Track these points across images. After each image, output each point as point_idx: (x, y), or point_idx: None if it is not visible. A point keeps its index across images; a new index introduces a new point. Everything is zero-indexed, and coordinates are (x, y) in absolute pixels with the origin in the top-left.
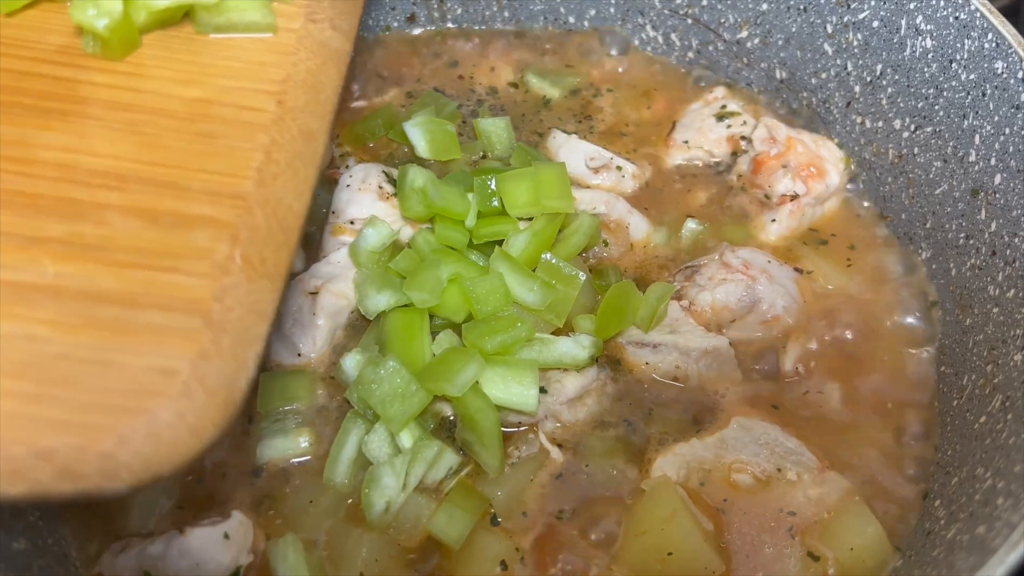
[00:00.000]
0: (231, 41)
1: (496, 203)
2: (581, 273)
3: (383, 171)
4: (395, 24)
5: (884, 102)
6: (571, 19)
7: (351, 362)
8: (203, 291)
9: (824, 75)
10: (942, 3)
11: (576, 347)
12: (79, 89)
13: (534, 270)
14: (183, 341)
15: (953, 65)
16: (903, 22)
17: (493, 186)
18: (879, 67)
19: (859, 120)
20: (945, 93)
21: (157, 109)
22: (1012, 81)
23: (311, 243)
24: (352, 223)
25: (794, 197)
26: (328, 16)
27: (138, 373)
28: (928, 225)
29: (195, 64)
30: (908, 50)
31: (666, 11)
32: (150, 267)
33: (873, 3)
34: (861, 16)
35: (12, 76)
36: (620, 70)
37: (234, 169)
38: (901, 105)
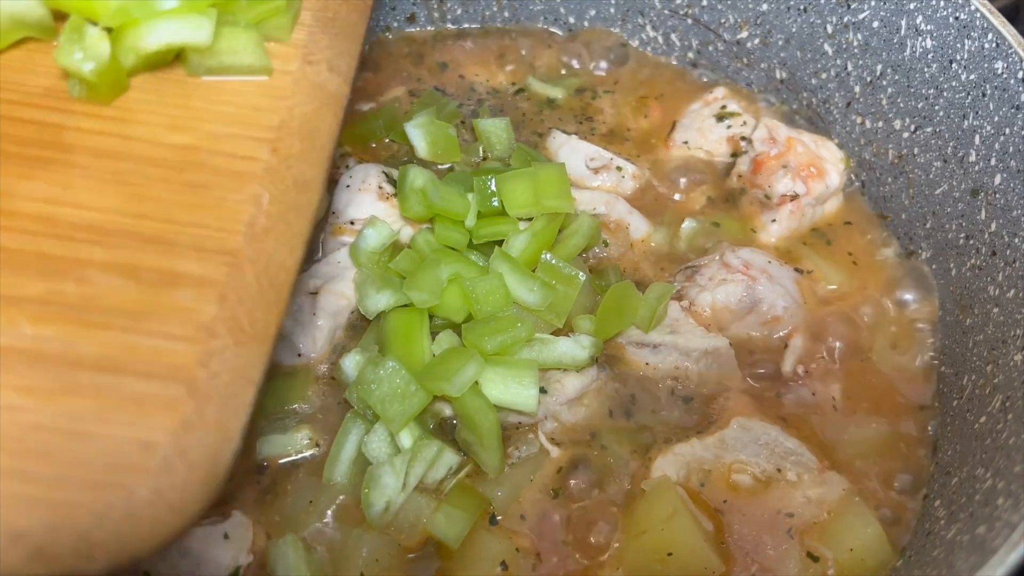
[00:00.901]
0: (224, 84)
1: (496, 203)
2: (581, 273)
3: (383, 171)
4: (395, 24)
5: (884, 102)
6: (571, 19)
7: (351, 362)
8: (187, 356)
9: (824, 75)
10: (942, 3)
11: (576, 347)
12: (64, 135)
13: (534, 270)
14: (165, 411)
15: (953, 65)
16: (903, 22)
17: (493, 186)
18: (879, 67)
19: (859, 120)
20: (945, 93)
21: (144, 157)
22: (1012, 81)
23: (309, 244)
24: (352, 223)
25: (794, 197)
26: (326, 57)
27: (116, 445)
28: (928, 225)
29: (186, 109)
30: (908, 50)
31: (666, 11)
32: (132, 330)
33: (873, 3)
34: (861, 16)
35: None
36: (620, 71)
37: (224, 223)
38: (901, 105)
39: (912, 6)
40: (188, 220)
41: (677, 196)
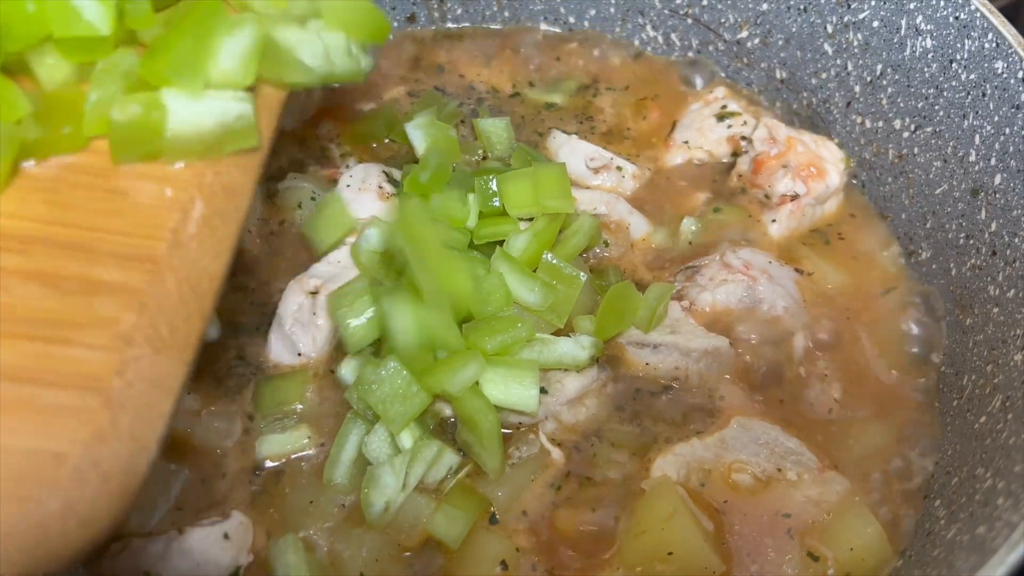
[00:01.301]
0: None
1: (496, 203)
2: (582, 274)
3: (383, 171)
4: (395, 24)
5: (884, 102)
6: (571, 19)
7: (347, 369)
8: (103, 365)
9: (824, 75)
10: (942, 3)
11: (577, 347)
12: None
13: (535, 270)
14: (77, 421)
15: (953, 65)
16: (903, 22)
17: (494, 186)
18: (879, 67)
19: (859, 120)
20: (945, 93)
21: (69, 164)
22: (1012, 81)
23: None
24: None
25: (794, 197)
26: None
27: (26, 457)
28: (928, 225)
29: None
30: (908, 50)
31: (666, 11)
32: (48, 339)
33: (873, 3)
34: (861, 16)
35: None
36: (620, 70)
37: (147, 229)
38: (901, 105)
39: (912, 6)
40: (111, 227)
41: (677, 196)
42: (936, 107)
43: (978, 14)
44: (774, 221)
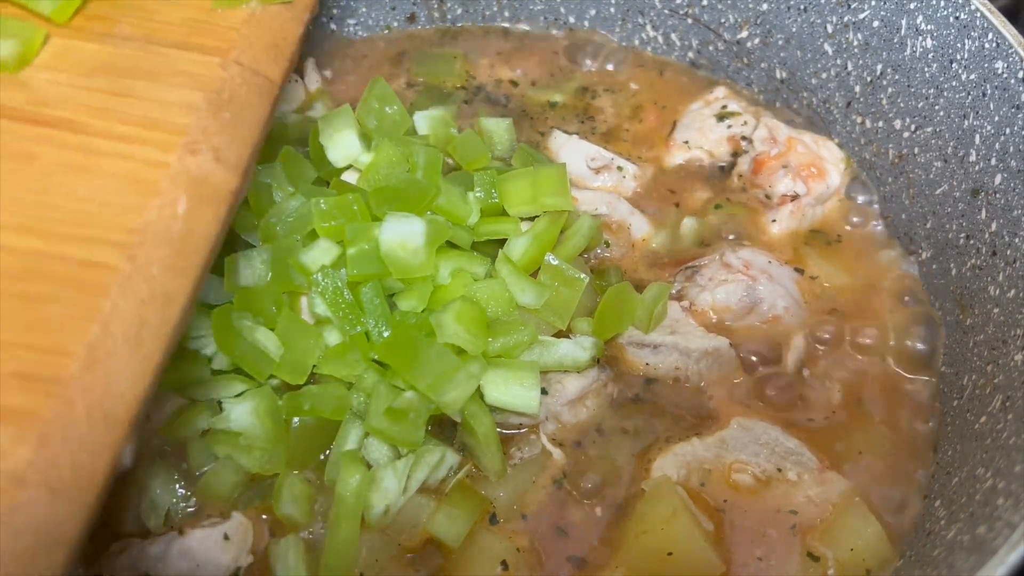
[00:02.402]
0: (88, 176)
1: (496, 200)
2: (584, 275)
3: None
4: (395, 24)
5: (884, 102)
6: (571, 19)
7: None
8: None
9: (824, 75)
10: (942, 3)
11: (577, 348)
12: None
13: (536, 272)
14: None
15: (953, 65)
16: (903, 22)
17: (494, 185)
18: (879, 67)
19: (859, 120)
20: (945, 93)
21: None
22: (1012, 81)
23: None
24: None
25: (795, 197)
26: (213, 146)
27: None
28: (928, 225)
29: (40, 207)
30: (908, 50)
31: (666, 11)
32: None
33: (873, 3)
34: (861, 16)
35: None
36: (621, 71)
37: (59, 345)
38: (901, 105)
39: (912, 6)
40: (17, 340)
41: (678, 196)
42: (936, 107)
43: (978, 14)
44: (774, 221)
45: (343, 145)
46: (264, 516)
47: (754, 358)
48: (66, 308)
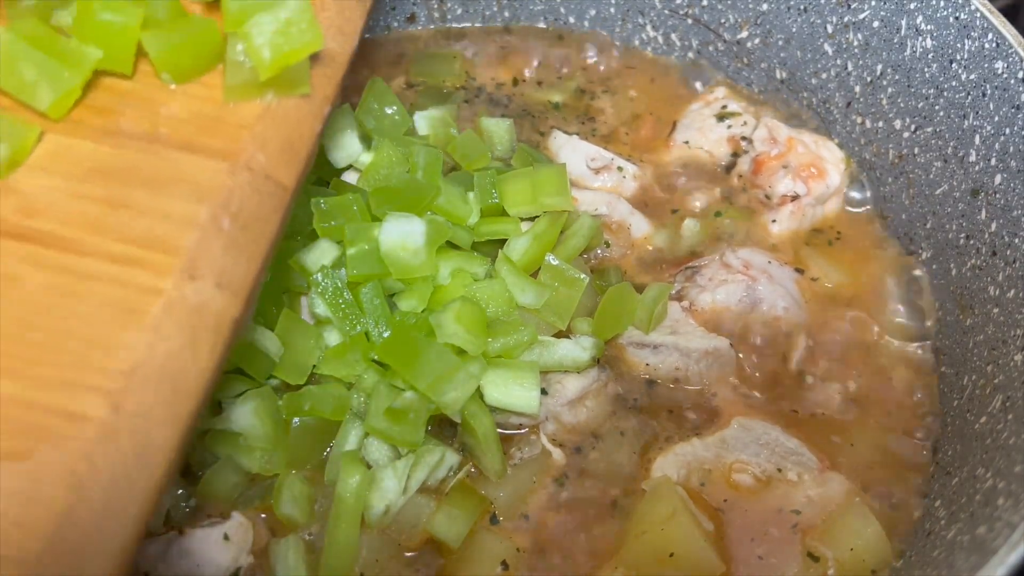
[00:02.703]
0: (76, 316)
1: (496, 200)
2: (584, 276)
3: None
4: (395, 24)
5: (884, 102)
6: (571, 19)
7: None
8: None
9: (824, 75)
10: (942, 3)
11: (577, 349)
12: None
13: (536, 272)
14: None
15: (953, 65)
16: (903, 22)
17: (494, 184)
18: (879, 67)
19: (859, 120)
20: (945, 93)
21: None
22: (1012, 81)
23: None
24: None
25: (795, 197)
26: (215, 270)
27: None
28: (928, 225)
29: (19, 343)
30: (908, 50)
31: (666, 11)
32: None
33: (873, 3)
34: (861, 16)
35: None
36: (620, 71)
37: (24, 519)
38: (901, 105)
39: (912, 6)
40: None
41: (678, 196)
42: (936, 107)
43: (978, 14)
44: (775, 221)
45: (343, 145)
46: (264, 516)
47: (754, 358)
48: (40, 468)
